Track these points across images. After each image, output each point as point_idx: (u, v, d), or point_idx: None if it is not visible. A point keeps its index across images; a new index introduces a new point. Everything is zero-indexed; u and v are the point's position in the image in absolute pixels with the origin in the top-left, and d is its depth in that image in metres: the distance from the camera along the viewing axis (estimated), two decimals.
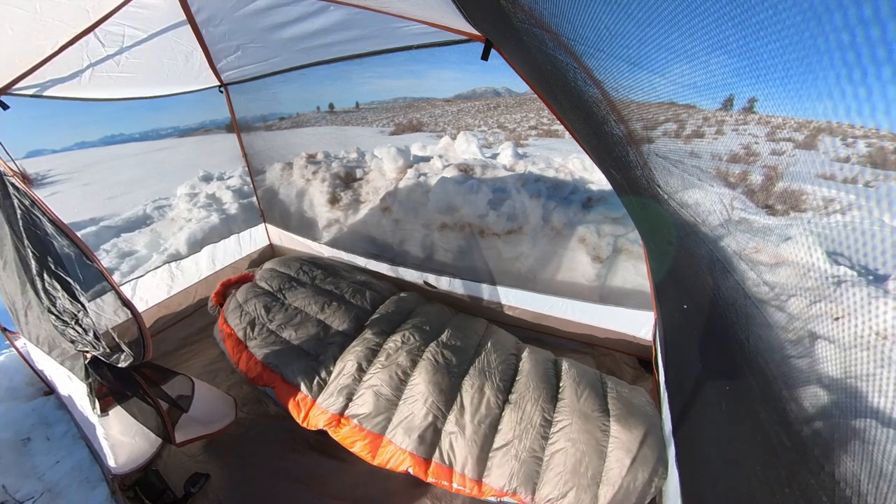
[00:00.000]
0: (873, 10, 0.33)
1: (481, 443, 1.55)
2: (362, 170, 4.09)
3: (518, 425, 1.56)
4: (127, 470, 1.57)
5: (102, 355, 1.28)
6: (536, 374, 1.79)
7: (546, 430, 1.55)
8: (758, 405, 0.67)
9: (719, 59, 0.51)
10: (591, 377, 1.77)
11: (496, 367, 1.83)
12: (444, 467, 1.54)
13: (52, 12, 1.38)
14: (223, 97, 2.81)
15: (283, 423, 1.95)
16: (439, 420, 1.62)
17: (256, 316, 2.26)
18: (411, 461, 1.55)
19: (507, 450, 1.52)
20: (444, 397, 1.67)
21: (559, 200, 3.05)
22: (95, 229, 4.18)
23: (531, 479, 1.46)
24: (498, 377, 1.77)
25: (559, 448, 1.48)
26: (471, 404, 1.65)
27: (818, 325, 0.59)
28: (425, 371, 1.75)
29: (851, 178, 1.27)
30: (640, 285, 2.19)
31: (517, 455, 1.49)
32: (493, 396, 1.67)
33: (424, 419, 1.61)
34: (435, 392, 1.67)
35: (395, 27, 1.70)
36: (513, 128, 11.19)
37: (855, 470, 0.43)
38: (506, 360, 1.89)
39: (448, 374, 1.75)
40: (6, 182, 1.29)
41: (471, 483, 1.50)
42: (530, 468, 1.47)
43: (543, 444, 1.51)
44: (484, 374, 1.78)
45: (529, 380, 1.75)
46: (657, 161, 0.90)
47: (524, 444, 1.52)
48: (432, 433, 1.60)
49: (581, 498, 1.38)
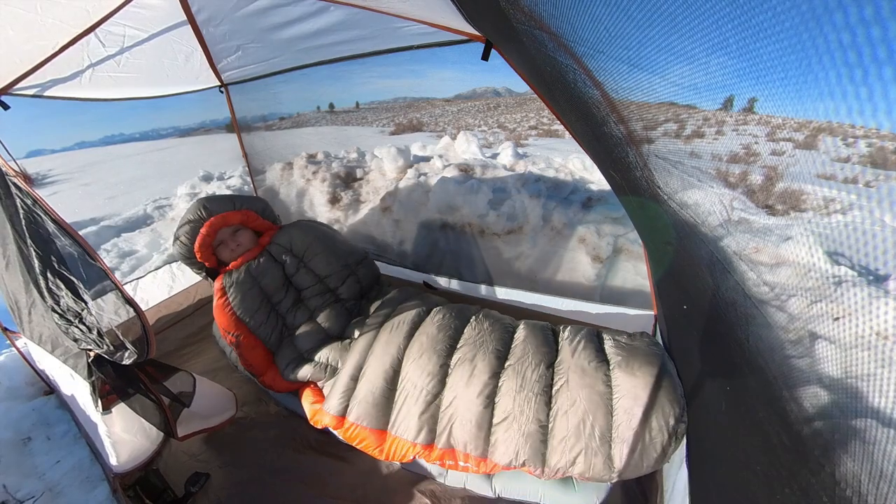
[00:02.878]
0: (874, 10, 0.33)
1: (478, 419, 1.45)
2: (362, 170, 4.10)
3: (518, 394, 1.44)
4: (128, 468, 1.57)
5: (106, 353, 1.28)
6: (535, 338, 1.65)
7: (548, 396, 1.43)
8: (758, 405, 0.67)
9: (719, 60, 0.51)
10: (588, 331, 1.63)
11: (489, 334, 1.70)
12: (448, 450, 1.49)
13: (52, 12, 1.38)
14: (223, 97, 2.82)
15: (284, 422, 1.96)
16: (433, 404, 1.54)
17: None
18: (416, 450, 1.52)
19: (509, 423, 1.42)
20: (435, 379, 1.57)
21: (559, 200, 3.05)
22: (96, 229, 4.19)
23: (538, 450, 1.35)
24: (492, 345, 1.63)
25: (561, 411, 1.37)
26: (461, 379, 1.53)
27: (818, 326, 0.59)
28: (412, 358, 1.66)
29: (852, 178, 1.28)
30: (640, 285, 2.19)
31: (521, 428, 1.38)
32: (486, 366, 1.55)
33: (420, 406, 1.55)
34: (423, 376, 1.58)
35: (396, 27, 1.70)
36: (513, 128, 11.19)
37: (855, 470, 0.44)
38: (500, 328, 1.75)
39: (435, 354, 1.63)
40: (8, 182, 1.30)
41: (477, 460, 1.44)
42: (536, 439, 1.36)
43: (547, 412, 1.40)
44: (475, 344, 1.65)
45: (527, 345, 1.61)
46: (657, 162, 0.90)
47: (526, 414, 1.40)
48: (429, 418, 1.53)
49: (592, 462, 1.26)
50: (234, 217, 2.15)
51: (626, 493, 1.52)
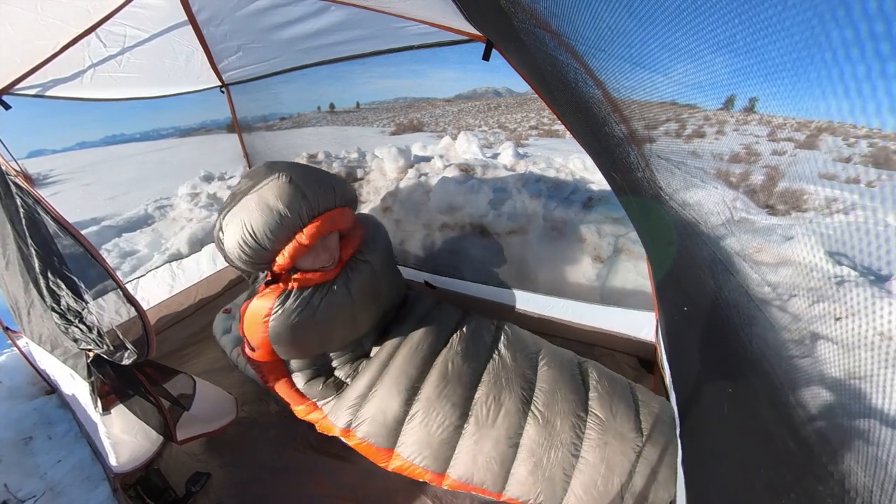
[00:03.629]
0: (878, 5, 0.32)
1: (501, 459, 1.42)
2: (363, 170, 4.10)
3: (546, 440, 1.43)
4: (129, 468, 1.57)
5: (106, 353, 1.28)
6: (563, 380, 1.59)
7: (577, 447, 1.42)
8: (760, 407, 0.67)
9: (723, 57, 0.50)
10: (622, 390, 1.59)
11: (513, 371, 1.63)
12: (461, 483, 1.45)
13: (53, 12, 1.38)
14: (224, 97, 2.82)
15: (284, 422, 1.95)
16: (453, 436, 1.48)
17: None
18: (425, 475, 1.48)
19: (533, 467, 1.40)
20: (458, 411, 1.51)
21: (560, 200, 3.04)
22: (97, 229, 4.20)
23: (556, 495, 1.36)
24: (518, 384, 1.58)
25: (591, 465, 1.37)
26: (488, 417, 1.49)
27: (820, 326, 0.59)
28: (433, 384, 1.57)
29: (854, 177, 1.27)
30: (640, 285, 2.19)
31: (544, 473, 1.38)
32: (512, 407, 1.50)
33: (437, 435, 1.48)
34: (446, 406, 1.51)
35: (396, 27, 1.70)
36: (513, 128, 11.18)
37: (864, 477, 0.43)
38: (525, 362, 1.68)
39: (460, 385, 1.56)
40: (9, 181, 1.30)
41: (494, 495, 1.43)
42: (557, 486, 1.36)
43: (573, 462, 1.39)
44: (500, 380, 1.59)
45: (556, 389, 1.56)
46: (658, 162, 0.89)
47: (552, 460, 1.39)
48: (447, 449, 1.47)
49: None
50: (342, 219, 1.59)
51: None
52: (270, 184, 1.42)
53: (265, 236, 1.40)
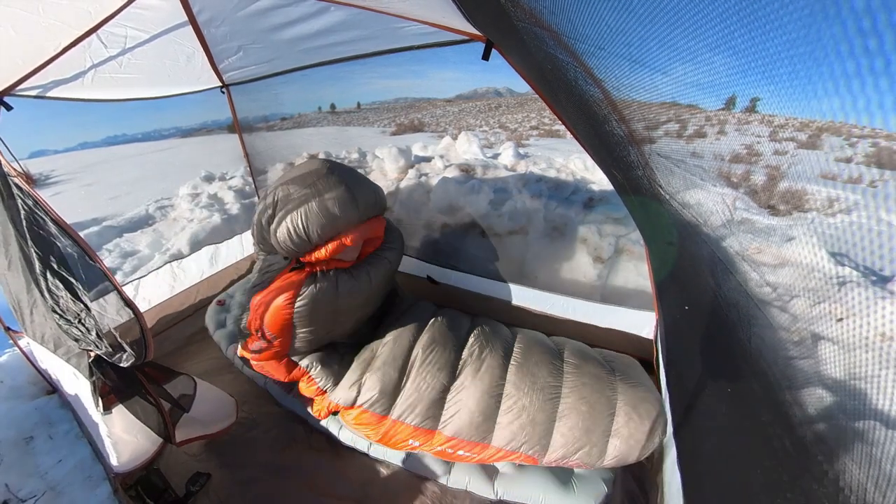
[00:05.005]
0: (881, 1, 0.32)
1: (486, 409, 1.58)
2: (364, 170, 4.10)
3: (526, 385, 1.61)
4: (129, 468, 1.57)
5: (105, 354, 1.28)
6: (538, 340, 1.86)
7: (557, 389, 1.59)
8: (759, 408, 0.66)
9: (723, 56, 0.50)
10: (591, 350, 1.88)
11: (493, 335, 1.88)
12: (452, 437, 1.58)
13: (54, 14, 1.38)
14: (225, 97, 2.82)
15: (284, 422, 1.96)
16: (441, 395, 1.65)
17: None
18: (416, 434, 1.60)
19: (516, 414, 1.55)
20: (445, 372, 1.70)
21: (560, 200, 3.04)
22: (98, 229, 4.20)
23: (542, 439, 1.50)
24: (499, 344, 1.81)
25: (571, 408, 1.53)
26: (475, 372, 1.68)
27: (821, 327, 0.59)
28: (421, 354, 1.77)
29: (856, 177, 1.27)
30: (641, 285, 2.18)
31: (528, 416, 1.53)
32: (494, 362, 1.71)
33: (426, 394, 1.64)
34: (433, 369, 1.70)
35: (396, 27, 1.70)
36: (514, 128, 11.17)
37: (859, 475, 0.43)
38: (502, 334, 1.93)
39: (445, 348, 1.78)
40: (10, 182, 1.30)
41: (478, 447, 1.55)
42: (541, 429, 1.51)
43: (555, 404, 1.55)
44: (482, 342, 1.82)
45: (532, 344, 1.81)
46: (659, 161, 0.89)
47: (534, 402, 1.56)
48: (436, 408, 1.63)
49: (591, 452, 1.46)
50: (378, 225, 1.87)
51: (627, 493, 1.52)
52: (333, 192, 1.64)
53: (316, 233, 1.62)
